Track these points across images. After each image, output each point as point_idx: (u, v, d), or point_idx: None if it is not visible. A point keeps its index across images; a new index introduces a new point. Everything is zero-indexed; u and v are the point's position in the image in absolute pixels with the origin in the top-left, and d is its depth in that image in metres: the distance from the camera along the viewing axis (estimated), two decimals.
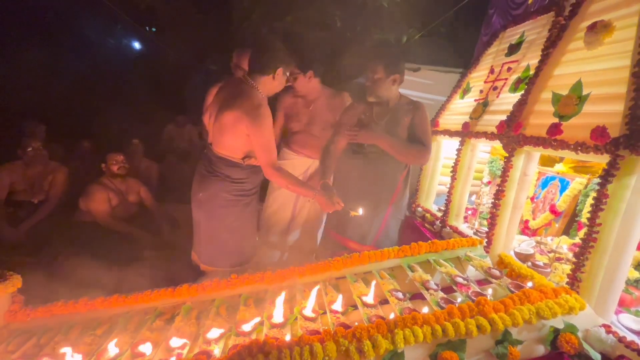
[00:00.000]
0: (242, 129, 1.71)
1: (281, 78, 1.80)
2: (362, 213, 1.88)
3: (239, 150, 1.79)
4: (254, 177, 1.90)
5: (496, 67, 2.46)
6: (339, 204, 1.82)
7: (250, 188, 1.90)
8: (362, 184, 2.11)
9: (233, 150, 1.79)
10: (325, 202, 1.82)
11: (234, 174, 1.82)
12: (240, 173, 1.83)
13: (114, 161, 2.75)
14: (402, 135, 2.05)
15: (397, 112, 2.06)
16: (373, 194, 2.09)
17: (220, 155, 1.81)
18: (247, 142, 1.77)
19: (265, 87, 1.78)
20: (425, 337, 1.15)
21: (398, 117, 2.05)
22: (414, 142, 2.03)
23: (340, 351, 1.10)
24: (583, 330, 1.26)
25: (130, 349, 1.31)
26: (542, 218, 2.40)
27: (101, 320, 1.57)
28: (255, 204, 2.01)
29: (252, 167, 1.85)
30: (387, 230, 2.19)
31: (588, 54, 1.58)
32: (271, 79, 1.76)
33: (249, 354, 1.09)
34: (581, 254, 1.37)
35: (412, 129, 2.05)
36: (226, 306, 1.56)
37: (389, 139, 2.00)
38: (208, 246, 1.95)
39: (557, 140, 1.55)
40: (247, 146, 1.79)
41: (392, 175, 2.12)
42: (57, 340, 1.43)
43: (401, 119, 2.05)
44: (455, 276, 1.60)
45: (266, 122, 1.71)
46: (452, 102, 2.93)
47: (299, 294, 1.59)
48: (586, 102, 1.49)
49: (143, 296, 1.63)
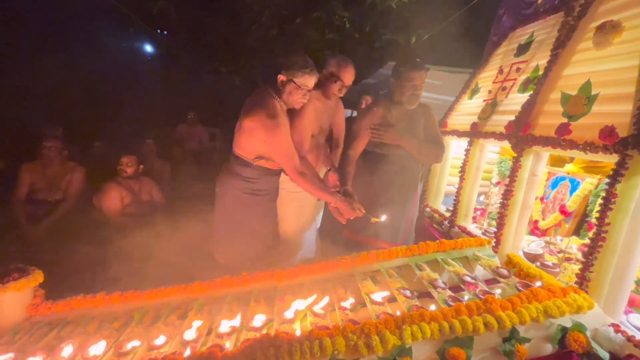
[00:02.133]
0: (258, 135, 1.77)
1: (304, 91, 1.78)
2: (384, 219, 1.87)
3: (251, 151, 1.85)
4: (265, 179, 1.93)
5: (505, 68, 2.46)
6: (360, 210, 1.81)
7: (260, 189, 1.93)
8: (387, 185, 2.14)
9: (246, 150, 1.86)
10: (346, 208, 1.80)
11: (245, 173, 1.88)
12: (251, 172, 1.88)
13: (128, 163, 2.84)
14: (420, 135, 2.12)
15: (414, 115, 2.12)
16: (399, 193, 2.15)
17: (236, 153, 1.89)
18: (259, 145, 1.82)
19: (289, 97, 1.79)
20: (432, 333, 1.17)
21: (414, 120, 2.12)
22: (430, 141, 2.09)
23: (349, 346, 1.13)
24: (592, 329, 1.26)
25: (146, 342, 1.36)
26: (552, 218, 2.39)
27: (118, 315, 1.63)
28: (269, 207, 2.02)
29: (263, 169, 1.89)
30: (412, 228, 2.28)
31: (597, 54, 1.58)
32: (294, 88, 1.76)
33: (260, 348, 1.13)
34: (590, 254, 1.38)
35: (427, 130, 2.12)
36: (238, 302, 1.61)
37: (412, 139, 2.06)
38: (220, 239, 2.03)
39: (566, 140, 1.55)
40: (258, 149, 1.84)
41: (414, 174, 2.20)
42: (77, 333, 1.49)
43: (418, 121, 2.12)
44: (463, 275, 1.61)
45: (282, 131, 1.74)
46: (461, 102, 2.93)
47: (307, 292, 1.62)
48: (595, 102, 1.49)
49: (157, 292, 1.68)
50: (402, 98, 2.03)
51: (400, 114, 2.11)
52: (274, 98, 1.79)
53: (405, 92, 2.02)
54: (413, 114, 2.11)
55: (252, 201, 1.93)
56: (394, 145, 2.09)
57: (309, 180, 1.82)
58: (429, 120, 2.14)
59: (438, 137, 2.13)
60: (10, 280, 1.52)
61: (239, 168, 1.89)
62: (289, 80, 1.74)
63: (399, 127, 2.09)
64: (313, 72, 1.77)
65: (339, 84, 1.97)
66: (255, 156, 1.86)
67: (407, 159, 2.12)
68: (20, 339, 1.48)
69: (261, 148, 1.83)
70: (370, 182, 2.16)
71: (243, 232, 1.97)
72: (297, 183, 1.85)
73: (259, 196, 1.94)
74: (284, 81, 1.75)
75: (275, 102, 1.79)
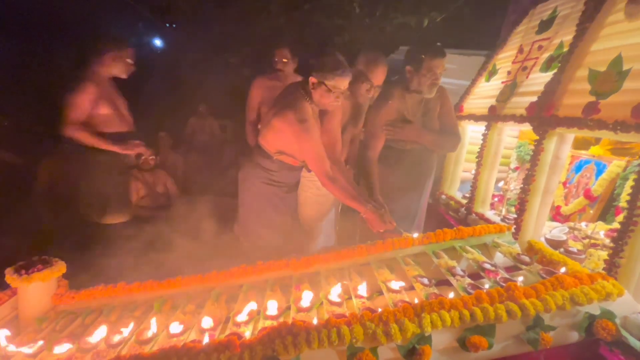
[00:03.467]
0: (286, 136, 1.75)
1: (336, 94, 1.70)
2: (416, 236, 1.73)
3: (273, 145, 1.84)
4: (285, 172, 1.92)
5: (525, 46, 2.34)
6: (390, 223, 1.72)
7: (278, 180, 1.92)
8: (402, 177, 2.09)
9: (269, 143, 1.86)
10: (376, 220, 1.71)
11: (265, 164, 1.89)
12: (271, 165, 1.88)
13: (150, 155, 2.87)
14: (435, 125, 2.03)
15: (429, 102, 2.01)
16: (415, 184, 2.11)
17: (260, 144, 1.90)
18: (284, 143, 1.81)
19: (321, 100, 1.72)
20: (453, 321, 1.14)
21: (430, 108, 2.02)
22: (446, 132, 2.01)
23: (367, 334, 1.11)
24: (621, 316, 1.20)
25: (165, 330, 1.39)
26: (576, 203, 2.29)
27: (138, 303, 1.66)
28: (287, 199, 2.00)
29: (283, 163, 1.88)
30: (424, 214, 2.26)
31: (629, 26, 1.47)
32: (326, 91, 1.67)
33: (278, 336, 1.12)
34: (620, 239, 1.31)
35: (442, 118, 2.03)
36: (254, 291, 1.61)
37: (429, 134, 1.98)
38: (243, 223, 2.08)
39: (593, 120, 1.46)
40: (282, 145, 1.83)
41: (430, 164, 2.14)
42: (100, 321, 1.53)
43: (433, 109, 2.02)
44: (482, 262, 1.57)
45: (311, 136, 1.69)
46: (477, 85, 2.82)
47: (324, 280, 1.62)
48: (627, 77, 1.39)
49: (175, 281, 1.71)
50: (420, 87, 1.90)
51: (416, 102, 2.00)
52: (305, 100, 1.73)
53: (425, 82, 1.88)
54: (429, 101, 2.01)
55: (270, 191, 1.94)
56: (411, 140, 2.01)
57: (340, 187, 1.75)
58: (444, 107, 2.03)
59: (454, 126, 2.04)
60: (35, 271, 1.56)
61: (260, 158, 1.89)
62: (320, 82, 1.66)
63: (415, 119, 1.99)
64: (345, 74, 1.67)
65: (367, 84, 1.85)
66: (277, 151, 1.85)
67: (422, 151, 2.06)
68: (47, 327, 1.54)
69: (285, 145, 1.81)
70: (386, 175, 2.08)
71: (261, 220, 1.99)
72: (328, 188, 1.79)
73: (278, 187, 1.94)
74: (315, 83, 1.68)
75: (307, 104, 1.73)
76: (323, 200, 2.13)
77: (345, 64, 1.67)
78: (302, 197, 2.14)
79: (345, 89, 1.71)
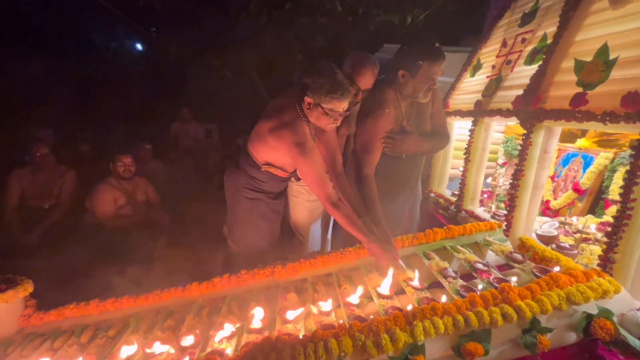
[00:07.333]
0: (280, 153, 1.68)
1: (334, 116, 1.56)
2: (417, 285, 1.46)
3: (262, 157, 1.75)
4: (271, 183, 1.84)
5: (509, 40, 2.31)
6: (394, 259, 1.51)
7: (264, 189, 1.84)
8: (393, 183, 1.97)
9: (258, 153, 1.76)
10: (379, 254, 1.53)
11: (251, 172, 1.81)
12: (257, 174, 1.80)
13: (122, 163, 2.73)
14: (428, 126, 1.93)
15: (422, 103, 1.86)
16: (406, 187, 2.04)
17: (249, 151, 1.80)
18: (272, 155, 1.72)
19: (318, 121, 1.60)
20: (446, 328, 1.08)
21: (423, 109, 1.90)
22: (438, 133, 1.96)
23: (357, 346, 1.04)
24: (618, 314, 1.16)
25: (142, 350, 1.29)
26: (565, 197, 2.27)
27: (113, 322, 1.55)
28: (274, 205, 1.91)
29: (270, 174, 1.80)
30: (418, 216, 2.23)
31: (614, 14, 1.44)
32: (323, 114, 1.54)
33: (260, 353, 1.04)
34: (614, 233, 1.27)
35: (433, 118, 1.94)
36: (237, 302, 1.52)
37: (428, 142, 1.91)
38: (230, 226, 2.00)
39: (581, 111, 1.43)
40: (271, 158, 1.74)
41: (419, 165, 2.08)
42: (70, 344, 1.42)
43: (426, 109, 1.91)
44: (474, 262, 1.52)
45: (311, 161, 1.58)
46: (462, 81, 2.79)
47: (311, 288, 1.54)
48: (614, 67, 1.36)
49: (153, 296, 1.60)
50: (416, 93, 1.74)
51: (409, 105, 1.86)
52: (302, 120, 1.60)
53: (422, 88, 1.71)
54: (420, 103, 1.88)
55: (255, 198, 1.86)
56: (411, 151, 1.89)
57: (343, 213, 1.60)
58: (436, 105, 1.92)
59: (444, 127, 1.99)
60: None
61: (246, 165, 1.80)
62: (316, 104, 1.52)
63: (410, 124, 1.86)
64: (344, 96, 1.50)
65: (353, 89, 1.69)
66: (265, 162, 1.76)
67: (416, 156, 1.99)
68: (12, 352, 1.42)
69: (276, 159, 1.73)
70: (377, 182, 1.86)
71: (246, 225, 1.90)
72: (331, 213, 1.67)
73: (262, 192, 1.85)
74: (311, 104, 1.54)
75: (304, 124, 1.60)
76: (314, 206, 2.05)
77: (344, 84, 1.51)
78: (293, 202, 2.06)
79: (344, 110, 1.56)
